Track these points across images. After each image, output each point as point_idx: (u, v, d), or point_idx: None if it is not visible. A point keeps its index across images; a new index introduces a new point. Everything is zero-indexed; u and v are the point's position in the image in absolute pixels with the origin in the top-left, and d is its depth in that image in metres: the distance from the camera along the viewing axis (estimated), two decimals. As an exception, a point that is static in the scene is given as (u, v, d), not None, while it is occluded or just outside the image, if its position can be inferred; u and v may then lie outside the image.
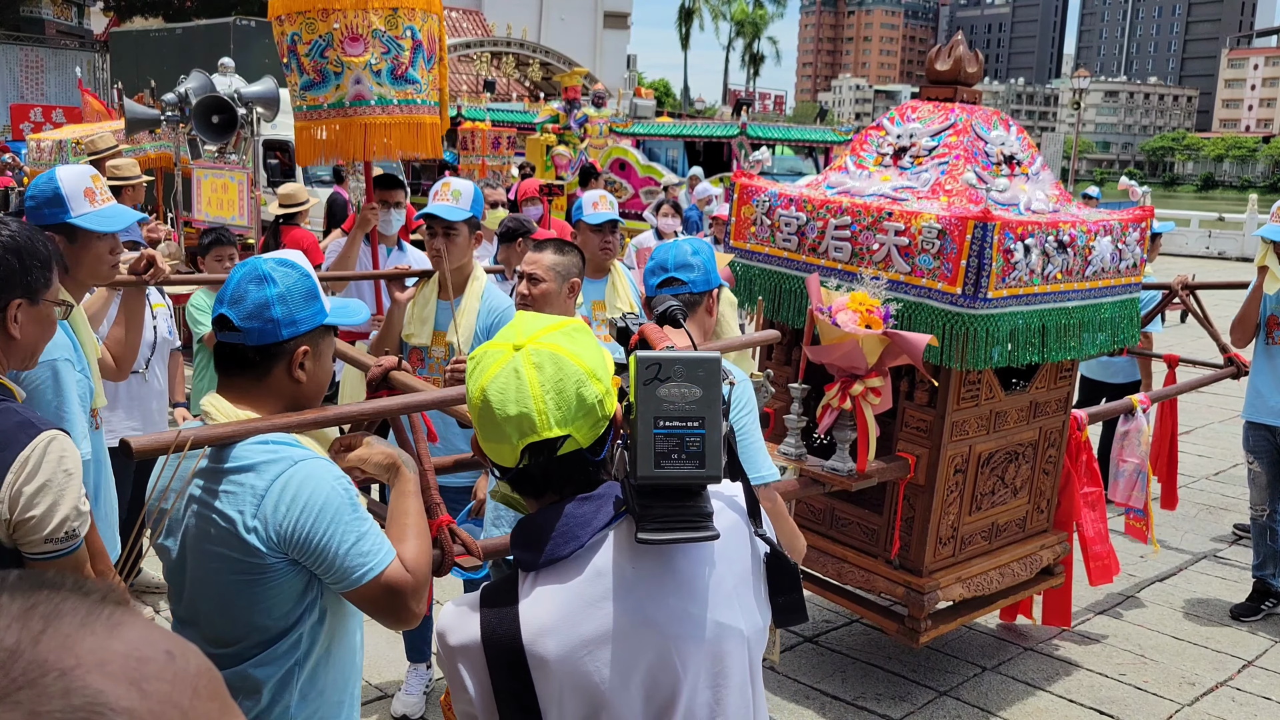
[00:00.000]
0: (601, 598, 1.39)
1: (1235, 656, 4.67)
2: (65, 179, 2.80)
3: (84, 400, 2.78)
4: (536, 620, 1.37)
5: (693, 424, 1.36)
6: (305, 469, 1.85)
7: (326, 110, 4.93)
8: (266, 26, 5.52)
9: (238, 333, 1.92)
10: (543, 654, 1.36)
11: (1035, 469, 4.24)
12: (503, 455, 1.42)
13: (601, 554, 1.41)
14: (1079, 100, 37.78)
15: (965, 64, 4.05)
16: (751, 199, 4.15)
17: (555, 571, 1.40)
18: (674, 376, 1.36)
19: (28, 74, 26.81)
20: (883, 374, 3.51)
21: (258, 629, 1.89)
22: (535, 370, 1.38)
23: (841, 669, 4.39)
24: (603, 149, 17.42)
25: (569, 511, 1.41)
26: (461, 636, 1.40)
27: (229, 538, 1.84)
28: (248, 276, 1.94)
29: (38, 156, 10.86)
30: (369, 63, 4.87)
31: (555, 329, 1.44)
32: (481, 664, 1.38)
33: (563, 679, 1.36)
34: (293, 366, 1.97)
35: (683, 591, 1.42)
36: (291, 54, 4.88)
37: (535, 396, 1.37)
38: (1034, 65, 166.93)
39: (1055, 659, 4.56)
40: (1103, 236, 3.92)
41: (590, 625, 1.38)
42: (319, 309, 1.99)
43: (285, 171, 13.75)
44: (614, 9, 44.57)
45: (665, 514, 1.36)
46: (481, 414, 1.40)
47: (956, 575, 3.97)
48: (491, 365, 1.41)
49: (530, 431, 1.38)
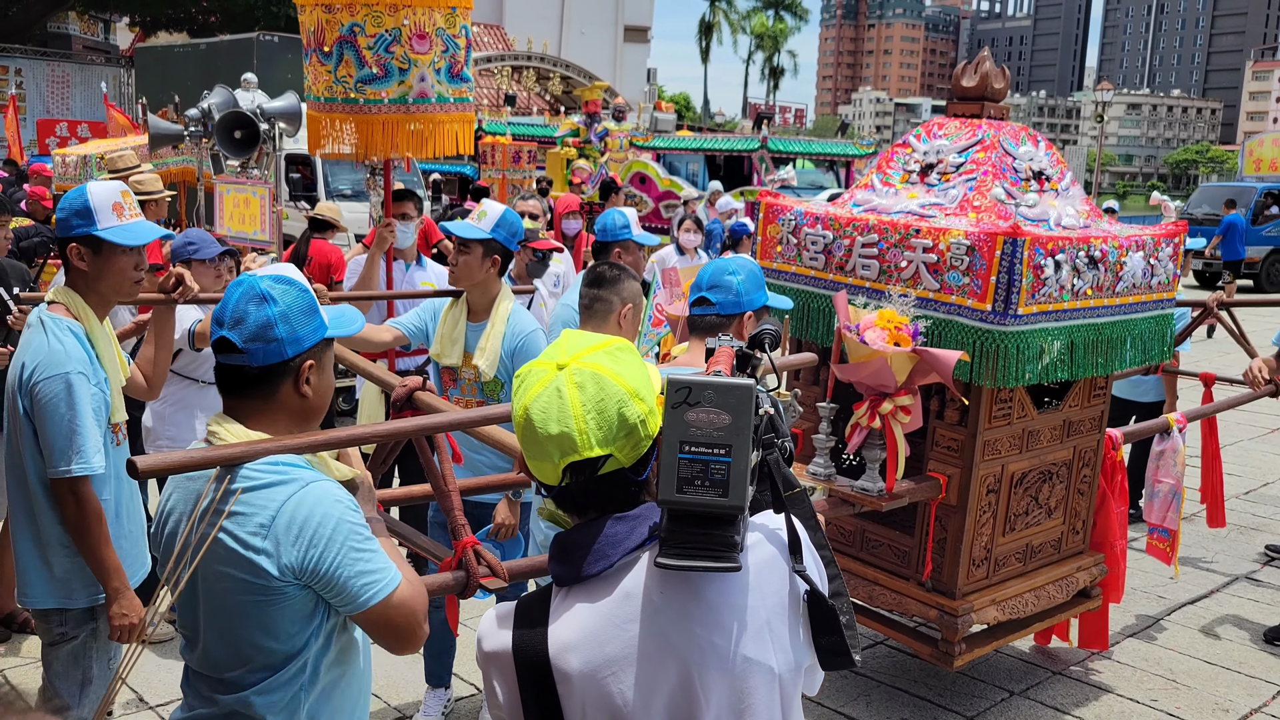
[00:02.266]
0: (628, 619, 1.39)
1: (1270, 682, 4.56)
2: (95, 193, 2.83)
3: (99, 414, 2.77)
4: (563, 636, 1.40)
5: (719, 451, 1.33)
6: (315, 492, 1.84)
7: (387, 105, 4.86)
8: (289, 42, 5.51)
9: (241, 354, 1.89)
10: (567, 669, 1.39)
11: (1070, 489, 4.17)
12: (545, 473, 1.43)
13: (632, 576, 1.42)
14: (1102, 113, 37.57)
15: (992, 80, 4.01)
16: (777, 218, 4.11)
17: (587, 589, 1.42)
18: (704, 401, 1.34)
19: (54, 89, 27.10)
20: (912, 392, 3.46)
21: (263, 652, 1.87)
22: (577, 390, 1.39)
23: (866, 693, 4.32)
24: (623, 163, 17.44)
25: (605, 531, 1.42)
26: (494, 644, 1.45)
27: (237, 559, 1.81)
28: (246, 296, 1.90)
29: (63, 171, 10.94)
30: (432, 60, 4.89)
31: (599, 348, 1.44)
32: (511, 673, 1.42)
33: (585, 695, 1.39)
34: (299, 383, 1.95)
35: (708, 621, 1.40)
36: (348, 45, 4.76)
37: (576, 416, 1.38)
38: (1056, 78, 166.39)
39: (1085, 684, 4.47)
40: (1135, 252, 3.85)
41: (615, 646, 1.39)
42: (320, 323, 1.97)
43: (307, 186, 13.81)
44: (634, 23, 44.70)
45: (689, 539, 1.34)
46: (525, 432, 1.42)
47: (991, 598, 3.90)
48: (535, 384, 1.42)
49: (571, 451, 1.39)
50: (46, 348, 2.71)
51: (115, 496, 2.89)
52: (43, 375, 2.69)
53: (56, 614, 2.83)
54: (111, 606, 2.78)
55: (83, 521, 2.71)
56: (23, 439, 2.76)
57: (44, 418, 2.68)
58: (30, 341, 2.77)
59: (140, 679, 4.20)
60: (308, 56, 4.95)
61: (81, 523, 2.71)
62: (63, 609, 2.82)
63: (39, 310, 2.83)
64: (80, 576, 2.78)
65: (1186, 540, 6.16)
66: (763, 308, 2.94)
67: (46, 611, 2.84)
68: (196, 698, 1.96)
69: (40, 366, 2.70)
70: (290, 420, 1.97)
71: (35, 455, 2.75)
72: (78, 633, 2.85)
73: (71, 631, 2.85)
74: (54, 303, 2.83)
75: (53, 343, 2.71)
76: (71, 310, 2.82)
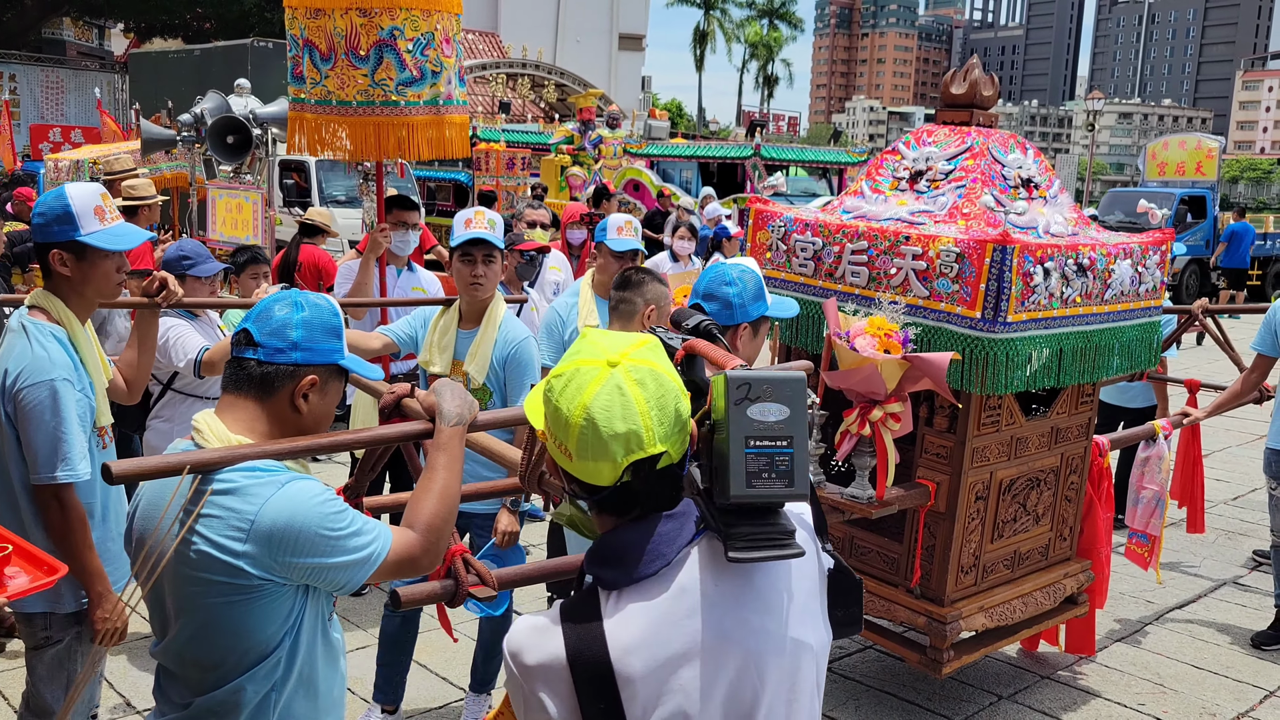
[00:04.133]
0: (687, 615, 1.40)
1: (1257, 686, 4.59)
2: (75, 196, 2.78)
3: (84, 420, 2.76)
4: (624, 638, 1.38)
5: (782, 443, 1.38)
6: (290, 493, 1.84)
7: (422, 107, 5.00)
8: (284, 48, 5.50)
9: (255, 347, 1.95)
10: (629, 672, 1.37)
11: (1058, 496, 4.19)
12: (601, 474, 1.40)
13: (686, 571, 1.42)
14: (1093, 122, 37.72)
15: (981, 87, 4.03)
16: (767, 224, 4.12)
17: (639, 589, 1.41)
18: (763, 396, 1.38)
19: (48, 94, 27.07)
20: (902, 399, 3.47)
21: (237, 652, 1.88)
22: (638, 387, 1.39)
23: (855, 697, 4.33)
24: (617, 170, 17.48)
25: (658, 529, 1.42)
26: (541, 655, 1.39)
27: (211, 562, 1.81)
28: (281, 299, 1.99)
29: (55, 176, 10.95)
30: (454, 64, 5.07)
31: (643, 345, 1.45)
32: (566, 683, 1.37)
33: (648, 697, 1.37)
34: (296, 395, 1.97)
35: (761, 608, 1.45)
36: (388, 48, 4.84)
37: (642, 413, 1.38)
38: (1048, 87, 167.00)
39: (1073, 688, 4.49)
40: (1123, 260, 3.88)
41: (677, 642, 1.39)
42: (338, 348, 2.01)
43: (301, 192, 13.81)
44: (629, 31, 44.80)
45: (751, 532, 1.38)
46: (585, 433, 1.38)
47: (979, 604, 3.91)
48: (590, 383, 1.39)
49: (637, 448, 1.38)
50: (30, 354, 2.69)
51: (101, 501, 2.87)
52: (27, 382, 2.67)
53: (41, 618, 2.82)
54: (95, 611, 2.77)
55: (67, 527, 2.70)
56: (6, 445, 2.75)
57: (29, 425, 2.66)
58: (13, 347, 2.74)
59: (128, 684, 4.20)
60: (329, 61, 4.93)
61: (65, 528, 2.70)
62: (48, 613, 2.81)
63: (20, 315, 2.80)
64: (67, 581, 2.77)
65: (1174, 546, 6.19)
66: (761, 318, 2.84)
67: (31, 615, 2.83)
68: (167, 703, 1.97)
69: (24, 373, 2.68)
70: (279, 431, 1.98)
71: (19, 461, 2.74)
72: (62, 636, 2.84)
73: (56, 635, 2.84)
74: (35, 307, 2.80)
75: (36, 349, 2.69)
76: (53, 315, 2.79)
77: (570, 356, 1.45)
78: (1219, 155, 21.71)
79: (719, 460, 1.39)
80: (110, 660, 4.30)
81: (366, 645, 4.42)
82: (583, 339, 1.47)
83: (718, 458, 1.40)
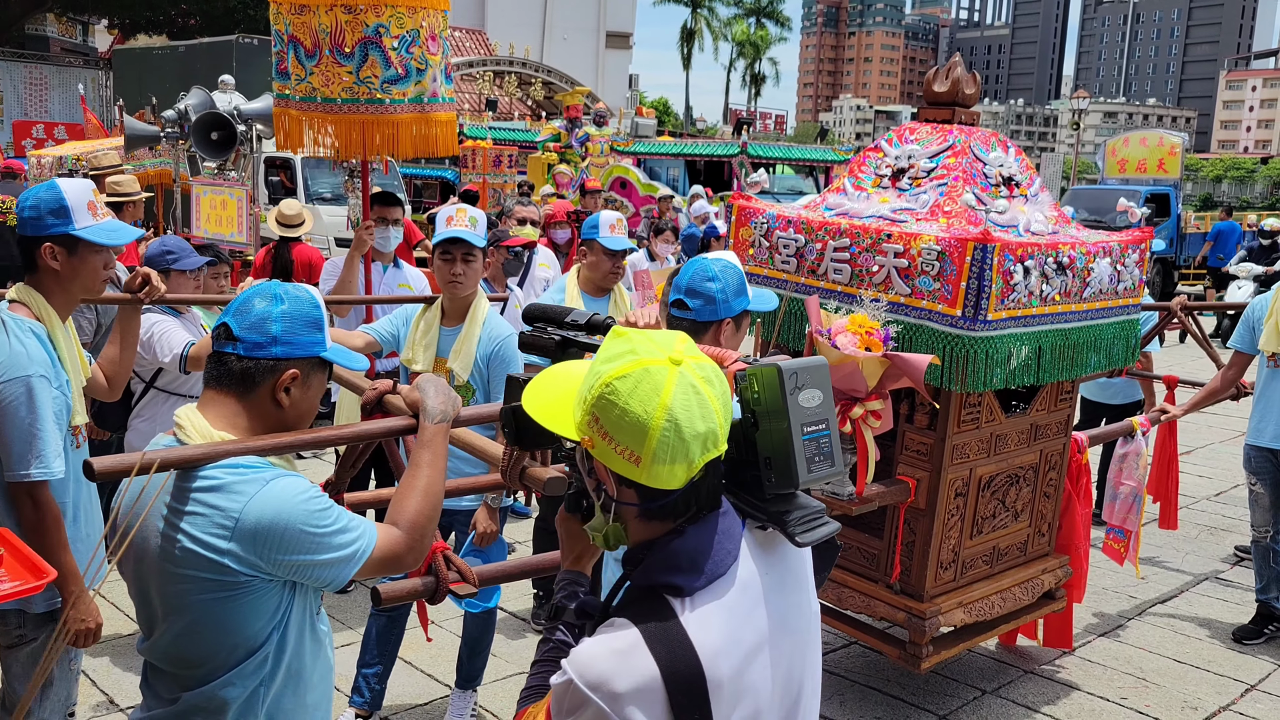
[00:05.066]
0: (753, 607, 1.42)
1: (1238, 680, 4.63)
2: (69, 190, 2.78)
3: (60, 417, 2.73)
4: (710, 642, 1.36)
5: (822, 425, 1.45)
6: (276, 488, 1.84)
7: (406, 105, 5.00)
8: (269, 45, 5.49)
9: (235, 342, 1.93)
10: (720, 676, 1.36)
11: (1036, 492, 4.22)
12: (675, 477, 1.36)
13: (743, 565, 1.43)
14: (1078, 121, 37.84)
15: (963, 85, 4.05)
16: (750, 221, 4.14)
17: (710, 591, 1.39)
18: (806, 384, 1.44)
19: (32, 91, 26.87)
20: (883, 396, 3.49)
21: (225, 648, 1.88)
22: (708, 385, 1.38)
23: (840, 692, 4.35)
24: (604, 167, 17.47)
25: (719, 528, 1.42)
26: (635, 678, 1.32)
27: (196, 559, 1.81)
28: (260, 292, 1.97)
29: (38, 173, 10.89)
30: (440, 61, 5.07)
31: (685, 341, 1.43)
32: (662, 702, 1.32)
33: (731, 697, 1.37)
34: (277, 389, 1.96)
35: (799, 587, 1.52)
36: (373, 46, 4.83)
37: (717, 411, 1.38)
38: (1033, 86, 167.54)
39: (1055, 682, 4.52)
40: (1102, 258, 3.91)
41: (750, 637, 1.41)
42: (319, 340, 2.00)
43: (287, 190, 13.77)
44: (616, 29, 44.74)
45: (801, 516, 1.45)
46: (667, 435, 1.33)
47: (958, 600, 3.94)
48: (665, 383, 1.34)
49: (713, 446, 1.38)
50: (8, 349, 2.66)
51: (74, 500, 2.84)
52: (3, 378, 2.64)
53: (15, 616, 2.79)
54: (69, 610, 2.75)
55: (41, 525, 2.67)
56: None
57: (3, 421, 2.63)
58: None
59: (111, 681, 4.19)
60: (313, 58, 4.93)
61: (40, 526, 2.67)
62: (22, 611, 2.78)
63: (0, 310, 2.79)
64: None
65: (1156, 541, 6.24)
66: (743, 312, 2.84)
67: (4, 614, 2.79)
68: (155, 698, 1.97)
69: (1, 368, 2.65)
70: (260, 427, 1.97)
71: None
72: (37, 635, 2.81)
73: (30, 634, 2.81)
74: (15, 302, 2.78)
75: (14, 344, 2.67)
76: (33, 310, 2.77)
77: (622, 355, 1.38)
78: (1182, 152, 21.29)
79: (777, 451, 1.43)
80: (93, 659, 4.29)
81: (352, 643, 4.42)
82: (620, 337, 1.41)
83: (774, 449, 1.43)
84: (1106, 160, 22.59)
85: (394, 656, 3.90)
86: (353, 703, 3.85)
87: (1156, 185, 20.41)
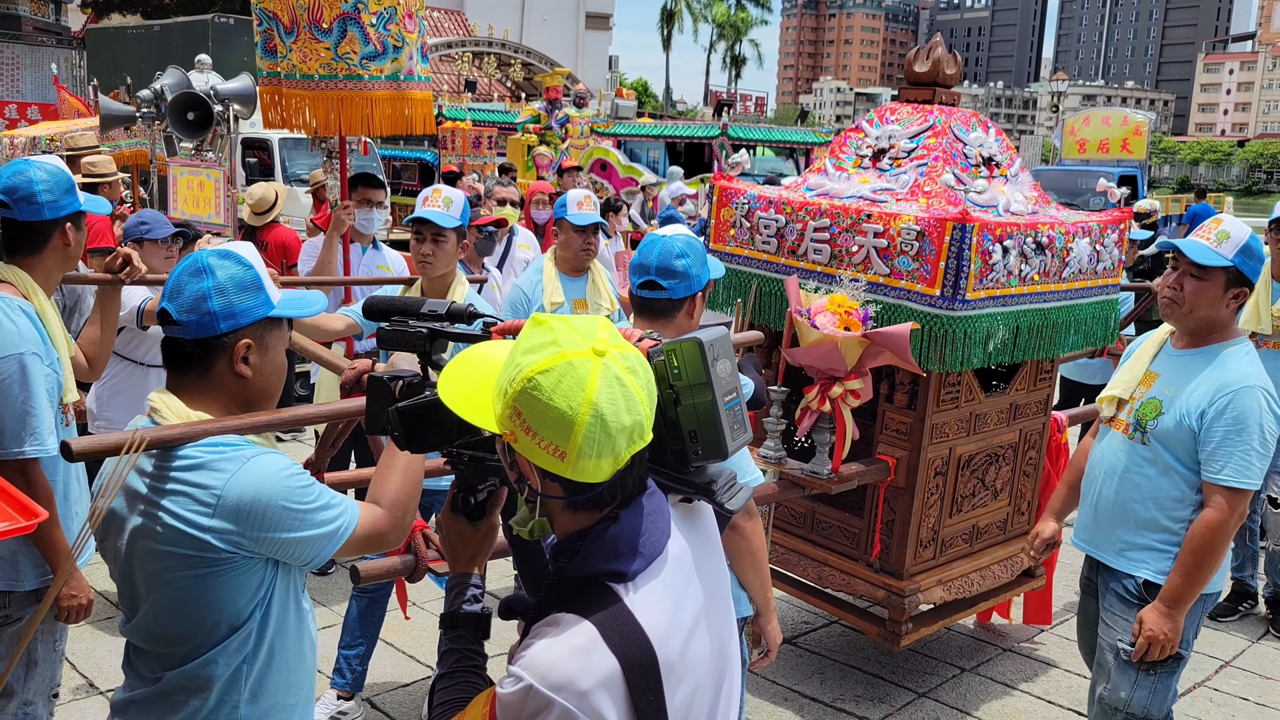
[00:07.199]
0: (687, 581, 1.43)
1: (1213, 657, 4.69)
2: (63, 168, 2.85)
3: (52, 395, 2.74)
4: (658, 626, 1.35)
5: (734, 395, 1.45)
6: (258, 466, 1.83)
7: (384, 82, 5.00)
8: (245, 24, 5.46)
9: (178, 326, 1.89)
10: (670, 658, 1.35)
11: (1016, 471, 4.25)
12: (601, 471, 1.33)
13: (674, 540, 1.43)
14: (1057, 103, 37.95)
15: (944, 66, 4.05)
16: (731, 201, 4.13)
17: (648, 573, 1.38)
18: (720, 355, 1.43)
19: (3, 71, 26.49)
20: (862, 375, 3.51)
21: (208, 626, 1.87)
22: (633, 375, 1.34)
23: (820, 670, 4.38)
24: (584, 149, 17.42)
25: (645, 510, 1.41)
26: (597, 675, 1.30)
27: (179, 537, 1.80)
28: (188, 269, 1.91)
29: (11, 153, 10.75)
30: (416, 40, 5.07)
31: (608, 328, 1.38)
32: (623, 692, 1.31)
33: (679, 676, 1.37)
34: (234, 361, 1.92)
35: (716, 552, 1.54)
36: (351, 21, 4.81)
37: (641, 401, 1.33)
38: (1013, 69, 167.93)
39: (1034, 660, 4.57)
40: (1081, 238, 3.93)
41: (689, 612, 1.41)
42: (263, 300, 1.93)
43: (264, 170, 13.66)
44: (596, 10, 44.53)
45: (723, 483, 1.46)
46: (593, 430, 1.29)
47: (937, 578, 3.97)
48: (589, 376, 1.30)
49: (639, 438, 1.34)
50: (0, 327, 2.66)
51: (64, 478, 2.86)
52: None
53: (1, 595, 2.80)
54: (60, 588, 2.75)
55: None
56: None
57: None
58: None
59: (91, 664, 4.17)
60: (291, 34, 4.89)
61: None
62: (8, 590, 2.78)
63: None
64: (28, 558, 2.75)
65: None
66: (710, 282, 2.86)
67: None
68: (137, 678, 1.96)
69: None
70: (230, 401, 1.95)
71: None
72: (22, 614, 2.81)
73: (15, 613, 2.81)
74: (3, 281, 2.77)
75: (5, 323, 2.66)
76: (20, 289, 2.77)
77: (544, 347, 1.32)
78: (1148, 132, 20.41)
79: (703, 424, 1.41)
80: (73, 643, 4.27)
81: (334, 624, 4.41)
82: (541, 325, 1.36)
83: (699, 422, 1.42)
84: (1064, 140, 21.45)
85: (375, 638, 3.89)
86: (334, 684, 3.84)
87: (1120, 166, 19.51)
